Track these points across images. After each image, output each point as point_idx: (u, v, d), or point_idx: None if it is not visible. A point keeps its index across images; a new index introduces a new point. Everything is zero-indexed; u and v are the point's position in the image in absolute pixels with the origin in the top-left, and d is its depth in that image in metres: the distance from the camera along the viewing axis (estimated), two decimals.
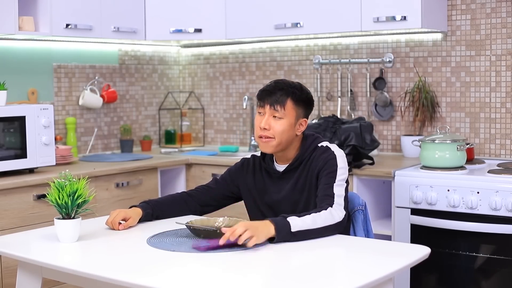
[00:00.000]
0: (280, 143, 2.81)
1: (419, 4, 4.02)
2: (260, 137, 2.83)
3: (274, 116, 2.80)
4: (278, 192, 2.89)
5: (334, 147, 2.87)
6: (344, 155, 2.87)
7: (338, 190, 2.74)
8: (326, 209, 2.64)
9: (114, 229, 2.73)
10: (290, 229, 2.50)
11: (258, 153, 3.02)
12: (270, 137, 2.81)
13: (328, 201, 2.70)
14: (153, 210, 2.89)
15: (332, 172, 2.78)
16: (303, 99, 2.85)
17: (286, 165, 2.89)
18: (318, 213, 2.60)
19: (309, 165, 2.85)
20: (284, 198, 2.87)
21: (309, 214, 2.59)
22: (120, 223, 2.75)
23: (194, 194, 3.03)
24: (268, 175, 2.94)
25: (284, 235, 2.49)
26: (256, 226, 2.45)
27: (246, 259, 2.33)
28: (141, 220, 2.84)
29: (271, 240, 2.48)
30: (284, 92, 2.81)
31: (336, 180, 2.76)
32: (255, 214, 2.94)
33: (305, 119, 2.87)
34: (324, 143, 2.89)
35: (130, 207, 2.89)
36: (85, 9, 4.38)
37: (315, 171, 2.82)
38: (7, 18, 3.95)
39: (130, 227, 2.77)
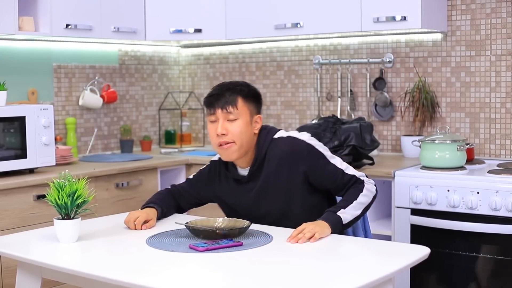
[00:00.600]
0: (241, 146, 2.75)
1: (419, 4, 4.02)
2: (220, 145, 2.75)
3: (228, 120, 2.74)
4: (251, 197, 2.85)
5: (294, 134, 2.83)
6: (306, 133, 2.84)
7: (345, 166, 2.81)
8: (362, 188, 2.77)
9: (131, 228, 2.73)
10: (342, 222, 2.63)
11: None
12: (230, 142, 2.74)
13: (355, 183, 2.79)
14: (162, 208, 2.91)
15: (323, 161, 2.78)
16: (252, 95, 2.81)
17: (248, 168, 2.85)
18: (358, 195, 2.74)
19: (277, 161, 2.77)
20: (257, 202, 2.84)
21: (352, 200, 2.72)
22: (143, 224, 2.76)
23: (177, 196, 3.03)
24: (236, 182, 2.88)
25: (338, 230, 2.63)
26: (315, 225, 2.57)
27: (245, 259, 2.33)
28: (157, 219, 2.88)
29: None
30: (232, 91, 2.76)
31: (333, 162, 2.79)
32: (233, 216, 2.91)
33: (259, 115, 2.82)
34: (280, 134, 2.83)
35: (143, 208, 2.89)
36: (85, 9, 4.38)
37: (298, 170, 2.76)
38: (7, 18, 3.95)
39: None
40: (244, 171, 2.85)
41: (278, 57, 5.06)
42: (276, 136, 2.83)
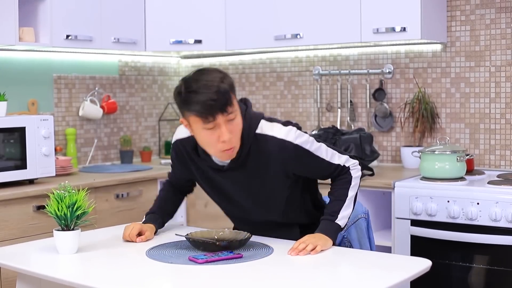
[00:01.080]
0: (238, 143, 2.56)
1: (419, 15, 4.03)
2: (224, 150, 2.51)
3: (229, 120, 2.47)
4: (229, 184, 2.70)
5: (280, 132, 2.59)
6: (291, 128, 2.61)
7: (330, 155, 2.68)
8: (350, 180, 2.72)
9: (131, 241, 2.72)
10: (340, 227, 2.65)
11: (180, 135, 2.73)
12: (233, 146, 2.53)
13: (342, 172, 2.73)
14: (162, 218, 2.91)
15: (310, 157, 2.63)
16: (231, 83, 2.51)
17: (227, 161, 2.62)
18: (347, 189, 2.70)
19: (263, 158, 2.60)
20: (237, 191, 2.72)
21: (343, 198, 2.68)
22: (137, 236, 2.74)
23: (177, 186, 3.02)
24: (212, 168, 2.68)
25: (338, 234, 2.68)
26: (317, 238, 2.56)
27: (245, 272, 2.32)
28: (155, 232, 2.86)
29: None
30: (220, 88, 2.43)
31: (319, 154, 2.65)
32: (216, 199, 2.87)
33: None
34: (265, 129, 2.60)
35: (146, 215, 2.90)
36: (85, 20, 4.39)
37: (284, 169, 2.62)
38: (8, 29, 3.96)
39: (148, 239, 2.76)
40: (221, 163, 2.63)
41: (278, 68, 5.07)
42: (260, 131, 2.60)
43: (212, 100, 2.40)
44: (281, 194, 2.72)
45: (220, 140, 2.46)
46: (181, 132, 2.73)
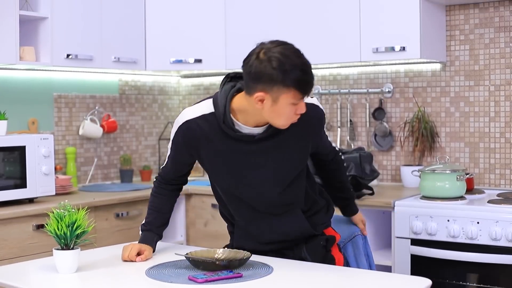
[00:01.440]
0: None
1: (418, 34, 4.04)
2: (296, 119, 2.52)
3: None
4: (252, 158, 2.63)
5: (313, 100, 2.70)
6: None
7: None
8: (344, 166, 3.06)
9: (131, 261, 2.70)
10: None
11: (191, 115, 2.64)
12: None
13: (336, 153, 2.95)
14: (158, 233, 2.87)
15: (323, 127, 2.79)
16: None
17: (263, 128, 2.58)
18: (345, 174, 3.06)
19: (300, 124, 2.58)
20: (260, 164, 2.63)
21: (348, 183, 3.06)
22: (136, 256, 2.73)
23: (170, 180, 2.94)
24: (235, 143, 2.61)
25: None
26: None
27: None
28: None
29: None
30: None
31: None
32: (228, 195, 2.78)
33: None
34: None
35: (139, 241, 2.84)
36: (85, 40, 4.41)
37: (313, 135, 2.68)
38: (8, 48, 3.98)
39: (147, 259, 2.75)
40: (254, 130, 2.58)
41: None
42: None
43: (313, 79, 2.48)
44: (298, 167, 2.68)
45: (297, 113, 2.49)
46: (190, 113, 2.65)
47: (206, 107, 2.63)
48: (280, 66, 2.42)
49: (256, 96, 2.45)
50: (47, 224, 2.52)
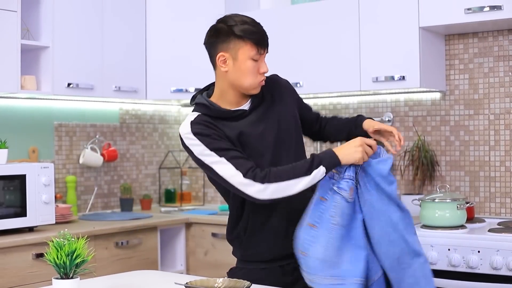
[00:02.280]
0: None
1: (418, 64, 4.06)
2: (262, 80, 2.73)
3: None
4: (256, 127, 2.73)
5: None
6: None
7: None
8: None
9: None
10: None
11: (188, 122, 2.71)
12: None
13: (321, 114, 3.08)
14: None
15: (295, 90, 2.97)
16: None
17: (247, 104, 2.76)
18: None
19: (273, 92, 2.82)
20: (266, 130, 2.73)
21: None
22: None
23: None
24: (236, 120, 2.72)
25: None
26: None
27: None
28: None
29: None
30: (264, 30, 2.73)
31: None
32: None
33: None
34: None
35: None
36: (86, 69, 4.43)
37: (292, 101, 2.86)
38: (10, 77, 3.99)
39: None
40: (243, 107, 2.76)
41: None
42: None
43: (265, 33, 2.70)
44: (298, 130, 2.83)
45: (260, 71, 2.70)
46: (186, 122, 2.72)
47: (193, 115, 2.74)
48: (230, 22, 2.71)
49: (218, 57, 2.74)
50: (46, 253, 2.52)
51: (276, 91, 2.83)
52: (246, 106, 2.76)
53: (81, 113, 4.88)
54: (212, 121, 2.68)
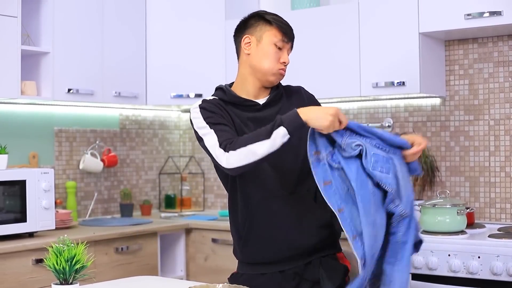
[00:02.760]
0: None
1: (418, 69, 4.07)
2: (281, 69, 2.81)
3: (288, 52, 2.85)
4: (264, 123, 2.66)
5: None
6: None
7: None
8: None
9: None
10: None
11: (208, 97, 2.84)
12: (285, 72, 2.85)
13: None
14: None
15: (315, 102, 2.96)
16: None
17: (263, 99, 2.84)
18: None
19: (291, 98, 2.88)
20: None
21: None
22: None
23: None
24: (247, 111, 2.80)
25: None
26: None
27: None
28: None
29: None
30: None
31: None
32: None
33: None
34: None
35: None
36: (87, 74, 4.43)
37: (305, 103, 2.80)
38: (10, 83, 4.00)
39: None
40: (259, 101, 2.85)
41: None
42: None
43: (292, 29, 2.84)
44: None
45: (280, 60, 2.79)
46: (203, 99, 2.84)
47: (209, 96, 2.86)
48: (261, 11, 2.89)
49: (243, 39, 2.86)
50: (46, 259, 2.52)
51: (296, 99, 2.89)
52: (261, 101, 2.84)
53: (81, 119, 4.88)
54: (222, 104, 2.77)
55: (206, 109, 2.73)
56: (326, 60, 4.41)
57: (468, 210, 3.79)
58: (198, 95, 4.83)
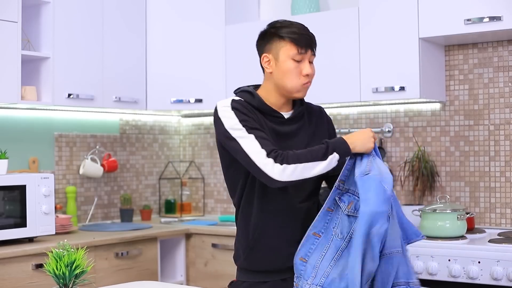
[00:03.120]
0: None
1: (417, 74, 4.07)
2: (305, 83, 2.72)
3: (310, 61, 2.74)
4: (290, 135, 2.77)
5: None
6: None
7: None
8: None
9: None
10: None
11: (236, 98, 2.79)
12: (310, 83, 2.76)
13: None
14: None
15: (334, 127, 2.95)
16: None
17: (288, 113, 2.79)
18: None
19: (316, 115, 2.86)
20: (296, 143, 2.75)
21: None
22: None
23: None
24: (273, 122, 2.77)
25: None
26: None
27: None
28: None
29: None
30: (312, 34, 2.76)
31: None
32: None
33: None
34: None
35: None
36: (87, 79, 4.43)
37: (325, 126, 2.87)
38: (10, 88, 4.00)
39: None
40: (285, 114, 2.80)
41: None
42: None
43: (308, 35, 2.72)
44: None
45: (303, 73, 2.70)
46: (231, 99, 2.77)
47: (236, 98, 2.79)
48: (275, 24, 2.76)
49: (263, 58, 2.77)
50: (46, 264, 2.52)
51: (317, 118, 2.87)
52: (285, 114, 2.78)
53: (81, 124, 4.88)
54: (251, 109, 2.72)
55: (240, 110, 2.68)
56: (326, 65, 4.41)
57: (468, 215, 3.79)
58: (198, 100, 4.83)
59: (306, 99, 2.85)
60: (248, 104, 2.73)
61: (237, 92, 2.84)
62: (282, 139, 2.70)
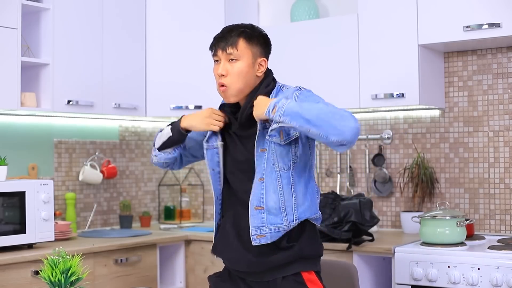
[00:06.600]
0: (240, 89, 2.77)
1: (417, 81, 4.07)
2: (221, 85, 2.78)
3: (231, 59, 2.76)
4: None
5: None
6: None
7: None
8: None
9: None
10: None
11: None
12: (225, 85, 2.76)
13: None
14: None
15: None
16: (256, 36, 2.80)
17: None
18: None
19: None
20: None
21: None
22: None
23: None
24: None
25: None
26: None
27: None
28: None
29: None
30: (234, 33, 2.78)
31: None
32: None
33: (264, 58, 2.84)
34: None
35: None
36: (86, 86, 4.44)
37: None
38: (10, 94, 4.00)
39: None
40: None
41: None
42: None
43: (218, 38, 2.83)
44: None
45: (217, 73, 2.79)
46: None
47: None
48: None
49: None
50: (41, 271, 2.51)
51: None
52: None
53: (81, 130, 4.88)
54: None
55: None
56: (325, 72, 4.42)
57: (467, 221, 3.79)
58: (198, 107, 4.83)
59: None
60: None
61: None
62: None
